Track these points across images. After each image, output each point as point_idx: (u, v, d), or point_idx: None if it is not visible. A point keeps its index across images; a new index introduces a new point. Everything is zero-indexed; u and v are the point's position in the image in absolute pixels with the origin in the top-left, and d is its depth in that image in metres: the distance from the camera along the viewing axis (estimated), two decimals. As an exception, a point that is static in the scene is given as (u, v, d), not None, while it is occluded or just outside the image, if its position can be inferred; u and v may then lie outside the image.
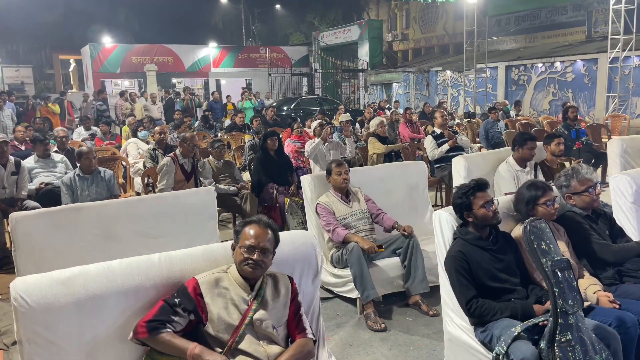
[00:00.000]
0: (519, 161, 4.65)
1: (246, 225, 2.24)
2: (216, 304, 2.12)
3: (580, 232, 2.98)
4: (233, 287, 2.17)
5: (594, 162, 6.81)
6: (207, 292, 2.12)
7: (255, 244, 2.16)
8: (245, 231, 2.21)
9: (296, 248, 2.52)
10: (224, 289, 2.15)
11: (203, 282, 2.14)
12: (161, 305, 2.09)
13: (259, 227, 2.21)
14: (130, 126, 9.54)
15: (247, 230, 2.21)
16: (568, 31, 17.67)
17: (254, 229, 2.21)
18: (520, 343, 2.32)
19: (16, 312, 1.98)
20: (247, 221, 2.27)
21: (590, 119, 12.80)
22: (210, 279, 2.16)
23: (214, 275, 2.18)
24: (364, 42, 23.46)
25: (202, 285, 2.13)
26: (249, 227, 2.22)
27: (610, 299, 2.63)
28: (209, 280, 2.16)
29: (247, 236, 2.19)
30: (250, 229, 2.21)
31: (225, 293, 2.14)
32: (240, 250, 2.18)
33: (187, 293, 2.11)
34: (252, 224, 2.24)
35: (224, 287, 2.16)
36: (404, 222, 4.11)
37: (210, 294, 2.13)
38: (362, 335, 3.53)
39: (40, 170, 5.73)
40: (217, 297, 2.13)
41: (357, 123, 10.96)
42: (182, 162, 5.31)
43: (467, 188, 2.80)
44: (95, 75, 20.97)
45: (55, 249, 3.42)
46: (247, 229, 2.22)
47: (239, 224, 2.29)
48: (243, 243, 2.18)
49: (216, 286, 2.15)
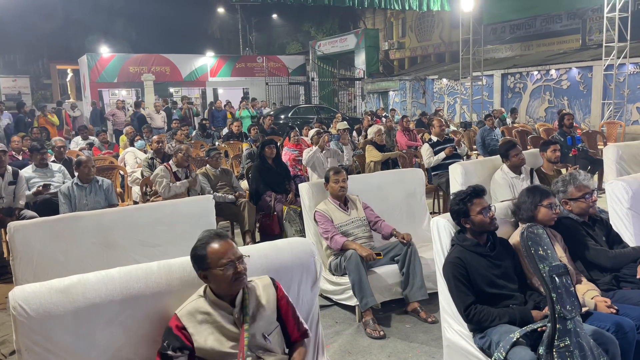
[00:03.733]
0: (512, 169, 4.69)
1: (204, 247, 2.11)
2: (201, 332, 2.08)
3: (577, 238, 3.00)
4: (214, 310, 2.11)
5: (590, 169, 6.84)
6: (189, 322, 2.08)
7: (233, 258, 2.10)
8: (210, 253, 2.09)
9: (295, 255, 2.52)
10: (205, 315, 2.10)
11: (182, 314, 2.10)
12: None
13: (220, 242, 2.12)
14: (127, 135, 9.56)
15: (211, 250, 2.10)
16: (563, 39, 17.80)
17: (218, 245, 2.11)
18: (519, 349, 2.33)
19: (15, 321, 1.98)
20: (202, 243, 2.13)
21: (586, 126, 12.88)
22: (190, 308, 2.11)
23: (192, 304, 2.13)
24: (360, 51, 23.56)
25: (182, 318, 2.09)
26: (210, 248, 2.10)
27: (607, 304, 2.64)
28: (188, 311, 2.11)
29: (217, 255, 2.09)
30: (214, 248, 2.10)
31: (207, 319, 2.10)
32: (219, 272, 2.07)
33: (171, 332, 2.08)
34: (210, 243, 2.12)
35: (204, 312, 2.10)
36: (402, 229, 4.12)
37: (192, 323, 2.08)
38: (361, 343, 3.53)
39: (38, 180, 5.71)
40: (200, 325, 2.09)
41: (355, 131, 11.00)
42: (175, 170, 5.53)
43: (465, 195, 2.82)
44: (93, 85, 20.97)
45: (53, 257, 3.42)
46: (210, 249, 2.10)
47: (195, 251, 2.14)
48: (219, 263, 2.08)
49: (196, 314, 2.10)
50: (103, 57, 21.77)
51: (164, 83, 22.50)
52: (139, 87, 20.96)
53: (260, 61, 24.06)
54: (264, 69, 23.21)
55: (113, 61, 21.51)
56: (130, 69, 21.54)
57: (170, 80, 22.76)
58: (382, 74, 23.68)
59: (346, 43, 24.37)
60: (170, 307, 2.20)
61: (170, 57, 22.55)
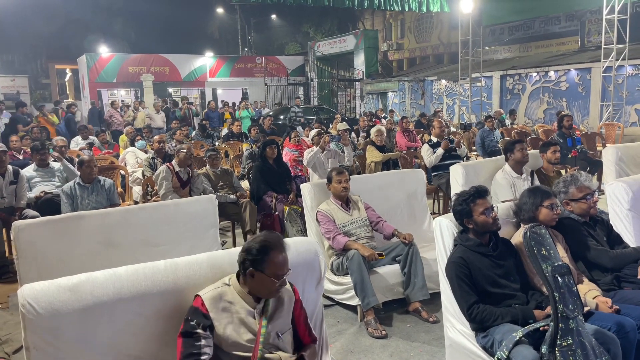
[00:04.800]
0: (515, 167, 4.71)
1: (269, 252, 2.12)
2: (221, 320, 2.10)
3: (578, 239, 3.02)
4: (237, 301, 2.15)
5: (589, 170, 6.87)
6: (212, 307, 2.10)
7: (285, 272, 2.14)
8: (272, 260, 2.11)
9: (299, 254, 2.53)
10: (228, 303, 2.13)
11: (207, 298, 2.12)
12: (182, 342, 2.05)
13: (283, 254, 2.14)
14: (128, 135, 9.57)
15: (274, 258, 2.11)
16: (561, 41, 17.86)
17: (281, 257, 2.13)
18: (521, 347, 2.35)
19: (24, 319, 1.99)
20: (268, 247, 2.13)
21: (585, 128, 12.92)
22: (214, 294, 2.14)
23: (217, 290, 2.15)
24: (359, 52, 23.58)
25: (207, 302, 2.11)
26: (274, 255, 2.12)
27: (609, 304, 2.66)
28: (212, 296, 2.13)
29: (276, 265, 2.11)
30: (276, 257, 2.12)
31: (229, 307, 2.13)
32: (270, 280, 2.10)
33: (199, 311, 2.08)
34: (275, 250, 2.13)
35: (228, 301, 2.14)
36: (403, 230, 4.14)
37: (215, 309, 2.11)
38: (363, 342, 3.55)
39: (40, 180, 5.73)
40: (222, 312, 2.11)
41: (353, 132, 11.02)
42: (177, 170, 5.52)
43: (467, 195, 2.84)
44: (92, 85, 20.98)
45: (57, 257, 3.44)
46: (273, 256, 2.11)
47: (259, 246, 2.13)
48: (273, 272, 2.10)
49: (220, 300, 2.13)
50: (102, 57, 21.78)
51: (163, 83, 22.50)
52: (138, 87, 20.96)
53: (259, 62, 24.09)
54: (263, 70, 23.24)
55: (112, 61, 21.52)
56: (129, 69, 21.55)
57: (170, 81, 22.78)
58: (381, 75, 23.72)
59: (345, 44, 24.40)
60: (177, 305, 2.22)
61: (169, 57, 22.57)
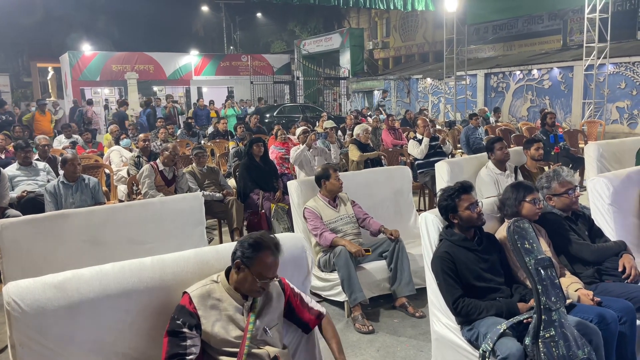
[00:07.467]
0: (497, 165, 4.79)
1: (260, 250, 2.10)
2: (209, 317, 2.10)
3: (560, 233, 3.07)
4: (226, 298, 2.14)
5: (572, 166, 6.96)
6: (200, 305, 2.10)
7: (270, 276, 2.13)
8: (261, 259, 2.09)
9: (286, 250, 2.50)
10: (216, 301, 2.13)
11: (195, 295, 2.11)
12: (168, 341, 2.04)
13: (274, 257, 2.12)
14: (112, 134, 9.48)
15: (263, 258, 2.09)
16: (544, 40, 18.08)
17: (270, 259, 2.11)
18: (506, 340, 2.39)
19: (9, 317, 1.98)
20: (261, 244, 2.11)
21: (567, 125, 13.09)
22: (202, 291, 2.13)
23: (206, 288, 2.15)
24: (345, 50, 23.63)
25: (195, 299, 2.10)
26: (264, 255, 2.10)
27: (590, 296, 2.71)
28: (200, 293, 2.12)
29: (264, 266, 2.09)
30: (266, 258, 2.10)
31: (218, 305, 2.12)
32: (254, 280, 2.09)
33: (186, 310, 2.07)
34: (267, 250, 2.11)
35: (216, 298, 2.13)
36: (390, 226, 4.17)
37: (203, 306, 2.10)
38: (350, 338, 3.58)
39: (23, 178, 5.65)
40: (210, 310, 2.11)
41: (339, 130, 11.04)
42: (162, 168, 5.45)
43: (453, 190, 2.87)
44: (75, 84, 20.72)
45: (42, 255, 3.40)
46: (263, 256, 2.09)
47: (252, 241, 2.12)
48: (259, 274, 2.09)
49: (208, 298, 2.12)
50: (85, 55, 21.55)
51: (148, 82, 22.33)
52: (122, 85, 20.76)
53: (245, 60, 24.02)
54: (249, 68, 23.17)
55: (95, 59, 21.29)
56: (113, 67, 21.34)
57: (154, 79, 22.62)
58: (366, 73, 23.79)
59: (331, 42, 24.43)
60: (163, 302, 2.21)
61: (153, 56, 22.40)
